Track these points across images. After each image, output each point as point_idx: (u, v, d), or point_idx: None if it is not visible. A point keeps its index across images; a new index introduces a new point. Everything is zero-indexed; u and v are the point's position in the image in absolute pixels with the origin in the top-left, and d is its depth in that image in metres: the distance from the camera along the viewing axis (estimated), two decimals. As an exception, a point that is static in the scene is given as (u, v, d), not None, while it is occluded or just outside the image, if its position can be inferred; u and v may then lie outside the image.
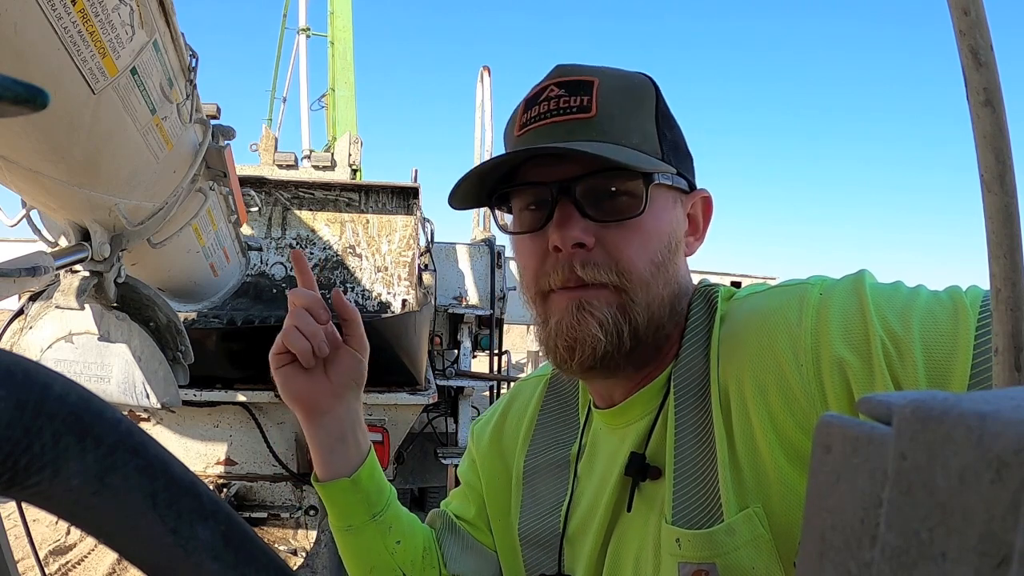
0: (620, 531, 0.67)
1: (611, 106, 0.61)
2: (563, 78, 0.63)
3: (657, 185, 0.62)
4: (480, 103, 4.58)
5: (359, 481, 0.73)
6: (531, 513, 0.75)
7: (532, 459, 0.77)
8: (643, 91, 0.65)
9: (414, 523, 0.80)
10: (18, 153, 1.04)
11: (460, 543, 0.81)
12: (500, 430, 0.83)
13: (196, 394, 2.52)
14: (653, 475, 0.63)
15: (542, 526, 0.74)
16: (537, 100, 0.64)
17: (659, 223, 0.63)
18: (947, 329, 0.51)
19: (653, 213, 0.62)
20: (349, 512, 0.73)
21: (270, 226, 3.41)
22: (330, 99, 7.03)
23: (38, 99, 0.22)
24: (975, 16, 0.29)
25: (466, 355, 4.03)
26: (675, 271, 0.65)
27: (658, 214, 0.63)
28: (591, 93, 0.61)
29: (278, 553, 0.78)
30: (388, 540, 0.74)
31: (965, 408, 0.16)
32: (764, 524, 0.57)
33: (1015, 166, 0.29)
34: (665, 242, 0.63)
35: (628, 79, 0.65)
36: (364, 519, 0.73)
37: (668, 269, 0.63)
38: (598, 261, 0.60)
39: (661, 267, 0.62)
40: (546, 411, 0.80)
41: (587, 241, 0.60)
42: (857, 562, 0.18)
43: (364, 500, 0.73)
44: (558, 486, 0.74)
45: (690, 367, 0.64)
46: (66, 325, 1.64)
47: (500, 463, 0.81)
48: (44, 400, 0.21)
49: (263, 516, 2.75)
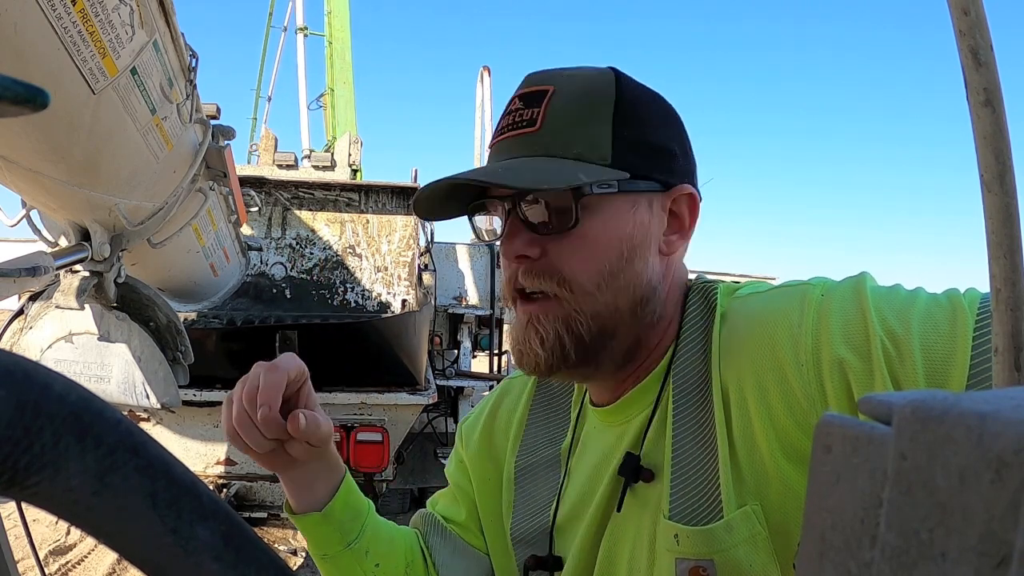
0: (613, 528, 0.67)
1: (558, 118, 0.62)
2: (525, 89, 0.65)
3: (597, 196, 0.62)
4: (480, 103, 4.58)
5: (331, 513, 0.71)
6: (523, 513, 0.75)
7: (523, 458, 0.77)
8: (600, 94, 0.63)
9: (394, 540, 0.78)
10: (18, 153, 1.04)
11: (450, 547, 0.80)
12: (490, 429, 0.82)
13: (196, 394, 2.53)
14: (646, 477, 0.63)
15: (535, 525, 0.74)
16: (505, 113, 0.66)
17: (607, 231, 0.62)
18: (946, 330, 0.52)
19: (599, 222, 0.62)
20: (323, 542, 0.72)
21: (270, 226, 3.41)
22: (329, 99, 7.02)
23: (38, 99, 0.22)
24: (975, 16, 0.29)
25: (466, 355, 4.03)
26: (635, 276, 0.63)
27: (606, 222, 0.62)
28: (541, 104, 0.63)
29: (278, 553, 0.78)
30: (366, 565, 0.73)
31: (965, 408, 0.16)
32: (762, 522, 0.57)
33: (1015, 166, 0.29)
34: (617, 249, 0.62)
35: (588, 81, 0.64)
36: (338, 548, 0.72)
37: (624, 276, 0.63)
38: (540, 271, 0.63)
39: (612, 276, 0.62)
40: (536, 408, 0.79)
41: (530, 253, 0.63)
42: (857, 562, 0.18)
43: (337, 530, 0.72)
44: (550, 484, 0.74)
45: (689, 365, 0.64)
46: (66, 325, 1.64)
47: (491, 463, 0.81)
48: (44, 400, 0.21)
49: (263, 516, 2.76)
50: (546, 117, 0.63)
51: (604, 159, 0.62)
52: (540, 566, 0.72)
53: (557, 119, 0.62)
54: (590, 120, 0.63)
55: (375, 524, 0.76)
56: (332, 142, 6.38)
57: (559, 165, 0.61)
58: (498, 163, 0.64)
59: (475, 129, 4.66)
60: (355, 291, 3.38)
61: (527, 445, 0.78)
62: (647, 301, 0.65)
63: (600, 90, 0.64)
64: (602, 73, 0.66)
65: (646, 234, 0.65)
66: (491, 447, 0.81)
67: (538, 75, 0.66)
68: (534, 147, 0.62)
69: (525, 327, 0.64)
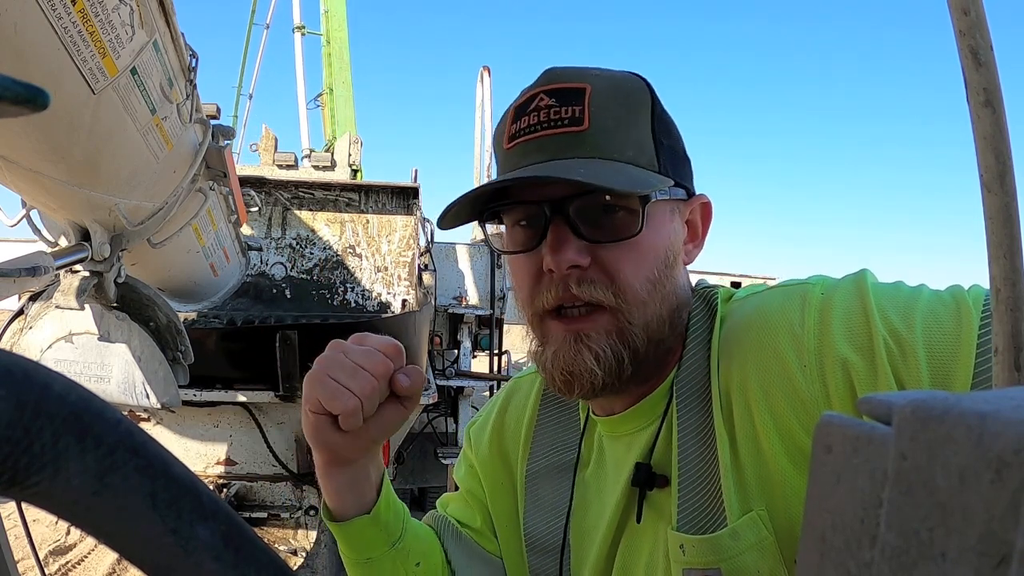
0: (628, 540, 0.66)
1: (604, 117, 0.59)
2: (553, 85, 0.60)
3: (655, 202, 0.60)
4: (480, 103, 4.58)
5: (378, 514, 0.67)
6: (535, 518, 0.74)
7: (534, 462, 0.76)
8: (638, 97, 0.62)
9: (430, 539, 0.76)
10: (18, 153, 1.04)
11: (467, 552, 0.79)
12: (500, 431, 0.81)
13: (196, 394, 2.52)
14: (660, 484, 0.63)
15: (547, 530, 0.73)
16: (527, 109, 0.61)
17: (656, 239, 0.61)
18: (950, 328, 0.51)
19: (650, 230, 0.60)
20: (368, 546, 0.68)
21: (270, 226, 3.41)
22: (327, 99, 7.01)
23: (38, 99, 0.22)
24: (975, 16, 0.29)
25: (466, 355, 4.03)
26: (673, 285, 0.63)
27: (656, 230, 0.61)
28: (583, 103, 0.59)
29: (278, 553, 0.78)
30: (408, 564, 0.70)
31: (965, 408, 0.16)
32: (768, 527, 0.56)
33: (1015, 166, 0.29)
34: (662, 258, 0.61)
35: (622, 84, 0.62)
36: (383, 550, 0.69)
37: (666, 285, 0.61)
38: (594, 279, 0.59)
39: (658, 284, 0.61)
40: (545, 411, 0.78)
41: (582, 262, 0.59)
42: (857, 562, 0.18)
43: (383, 531, 0.68)
44: (561, 490, 0.73)
45: (691, 371, 0.63)
46: (66, 325, 1.64)
47: (502, 465, 0.80)
48: (44, 400, 0.21)
49: (263, 516, 2.75)
50: (591, 116, 0.59)
51: (652, 164, 0.60)
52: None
53: (604, 119, 0.59)
54: (634, 123, 0.60)
55: (413, 525, 0.74)
56: (332, 142, 6.37)
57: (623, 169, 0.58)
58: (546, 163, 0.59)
59: (475, 129, 4.66)
60: (355, 291, 3.38)
61: (538, 449, 0.76)
62: (680, 309, 0.64)
63: (637, 92, 0.62)
64: (632, 76, 0.64)
65: (679, 242, 0.64)
66: (502, 450, 0.80)
67: (564, 71, 0.62)
68: (584, 148, 0.58)
69: (574, 344, 0.60)
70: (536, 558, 0.73)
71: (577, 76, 0.61)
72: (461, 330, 4.08)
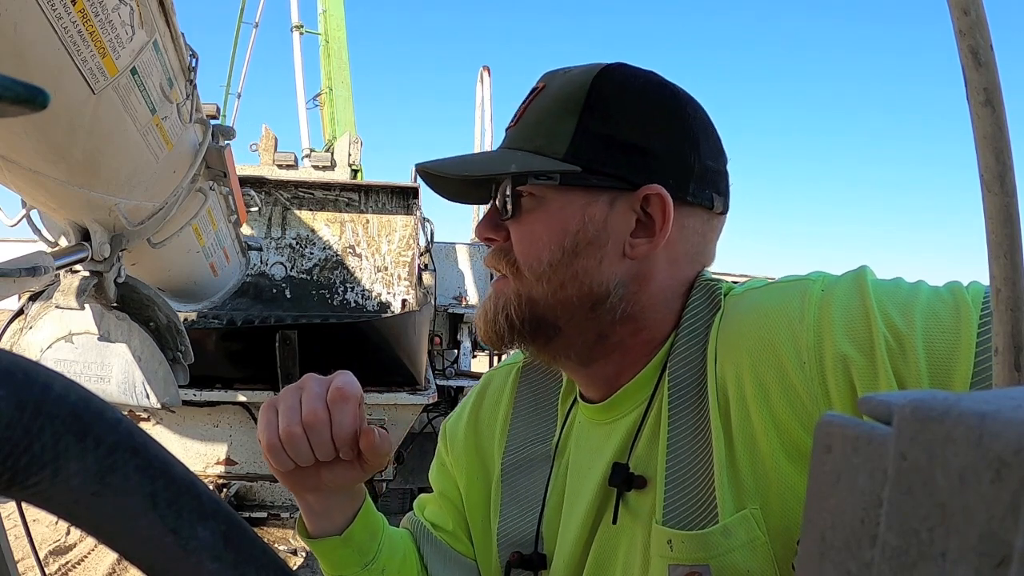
0: (603, 537, 0.66)
1: (533, 112, 0.65)
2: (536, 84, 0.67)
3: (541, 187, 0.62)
4: (480, 103, 4.58)
5: (351, 536, 0.68)
6: (511, 514, 0.73)
7: (511, 456, 0.75)
8: (575, 88, 0.63)
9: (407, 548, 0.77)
10: (18, 153, 1.04)
11: (441, 556, 0.79)
12: (475, 425, 0.80)
13: (196, 394, 2.52)
14: (639, 485, 0.62)
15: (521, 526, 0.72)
16: None
17: (550, 223, 0.63)
18: (949, 325, 0.51)
19: (543, 213, 0.63)
20: (340, 564, 0.69)
21: (270, 226, 3.41)
22: (326, 98, 6.99)
23: (38, 99, 0.22)
24: (975, 16, 0.29)
25: (466, 355, 4.03)
26: (583, 272, 0.62)
27: (551, 214, 0.63)
28: (529, 101, 0.66)
29: (278, 553, 0.77)
30: None
31: (965, 408, 0.16)
32: (761, 526, 0.56)
33: (1015, 166, 0.29)
34: (559, 242, 0.62)
35: (572, 77, 0.65)
36: (355, 570, 0.69)
37: (567, 270, 0.62)
38: (498, 251, 0.67)
39: (553, 267, 0.62)
40: (520, 402, 0.77)
41: (492, 235, 0.67)
42: (857, 562, 0.18)
43: (355, 552, 0.69)
44: (538, 483, 0.72)
45: (686, 364, 0.63)
46: (66, 325, 1.64)
47: (478, 461, 0.79)
48: (44, 400, 0.21)
49: (263, 516, 2.75)
50: (524, 113, 0.66)
51: (557, 153, 0.62)
52: (523, 564, 0.70)
53: (531, 114, 0.65)
54: (558, 115, 0.63)
55: (390, 540, 0.73)
56: (331, 142, 6.37)
57: (503, 155, 0.65)
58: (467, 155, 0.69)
59: (475, 129, 4.66)
60: (355, 291, 3.38)
61: (514, 441, 0.76)
62: (602, 299, 0.63)
63: (576, 85, 0.64)
64: (591, 68, 0.64)
65: (600, 232, 0.62)
66: (478, 444, 0.79)
67: (546, 73, 0.68)
68: (512, 141, 0.66)
69: (488, 301, 0.69)
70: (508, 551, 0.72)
71: (545, 77, 0.67)
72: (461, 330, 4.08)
